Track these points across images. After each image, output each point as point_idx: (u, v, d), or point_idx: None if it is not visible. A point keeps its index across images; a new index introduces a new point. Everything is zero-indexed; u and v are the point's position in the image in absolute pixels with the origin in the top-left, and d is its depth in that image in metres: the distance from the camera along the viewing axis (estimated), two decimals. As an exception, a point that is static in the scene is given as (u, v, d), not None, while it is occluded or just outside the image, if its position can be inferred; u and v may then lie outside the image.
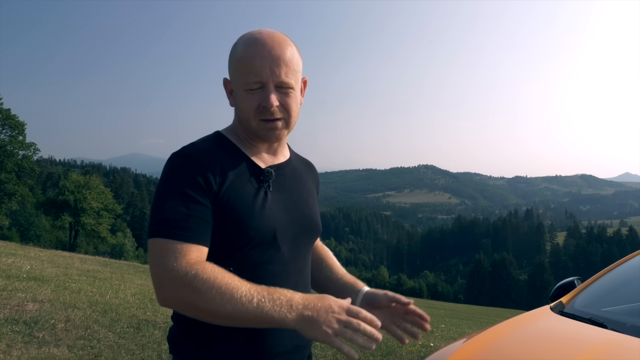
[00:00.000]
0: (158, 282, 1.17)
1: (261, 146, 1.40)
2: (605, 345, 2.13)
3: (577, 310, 2.68)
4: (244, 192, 1.29)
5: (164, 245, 1.18)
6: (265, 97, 1.28)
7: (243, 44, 1.30)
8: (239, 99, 1.33)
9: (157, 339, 5.34)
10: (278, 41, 1.30)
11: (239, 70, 1.30)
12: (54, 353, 4.38)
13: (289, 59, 1.29)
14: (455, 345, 2.44)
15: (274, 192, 1.35)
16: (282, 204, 1.36)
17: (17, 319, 5.23)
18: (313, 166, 1.63)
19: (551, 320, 2.61)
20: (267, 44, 1.28)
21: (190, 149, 1.31)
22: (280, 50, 1.28)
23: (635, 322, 2.42)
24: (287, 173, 1.43)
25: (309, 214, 1.44)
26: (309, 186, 1.51)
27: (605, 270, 3.20)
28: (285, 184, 1.41)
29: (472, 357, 2.18)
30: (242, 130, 1.39)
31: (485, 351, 2.23)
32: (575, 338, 2.29)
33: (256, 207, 1.29)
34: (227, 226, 1.26)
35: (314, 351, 5.66)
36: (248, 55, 1.28)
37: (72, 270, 12.17)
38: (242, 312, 1.12)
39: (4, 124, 41.75)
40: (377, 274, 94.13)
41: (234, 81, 1.34)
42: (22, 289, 7.02)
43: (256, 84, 1.28)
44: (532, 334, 2.51)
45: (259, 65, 1.26)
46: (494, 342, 2.37)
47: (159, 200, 1.25)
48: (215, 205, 1.25)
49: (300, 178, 1.48)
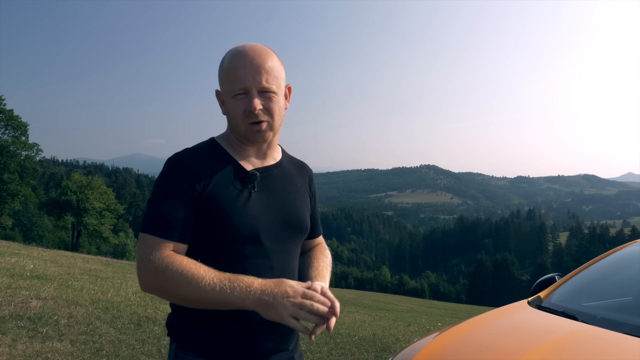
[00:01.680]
0: (139, 271, 1.39)
1: (250, 150, 1.55)
2: (572, 334, 2.27)
3: (554, 305, 2.82)
4: (228, 193, 1.45)
5: (146, 239, 1.39)
6: (249, 101, 1.44)
7: (229, 57, 1.48)
8: (228, 106, 1.49)
9: (157, 334, 5.50)
10: (259, 52, 1.46)
11: (226, 80, 1.47)
12: (57, 347, 4.54)
13: (270, 67, 1.45)
14: (430, 338, 2.58)
15: (259, 193, 1.50)
16: (266, 203, 1.50)
17: (22, 315, 5.39)
18: (306, 168, 1.75)
19: (526, 313, 2.75)
20: (249, 55, 1.45)
21: (181, 155, 1.48)
22: (261, 59, 1.45)
23: (605, 314, 2.57)
24: (275, 175, 1.57)
25: (294, 212, 1.57)
26: (298, 187, 1.64)
27: (583, 266, 3.34)
28: (272, 185, 1.55)
29: (443, 347, 2.32)
30: (233, 135, 1.54)
31: (456, 342, 2.37)
32: (545, 328, 2.43)
33: (238, 206, 1.44)
34: (212, 223, 1.43)
35: (309, 347, 5.81)
36: (233, 65, 1.45)
37: (74, 269, 12.32)
38: (206, 297, 1.32)
39: (6, 124, 41.86)
40: (379, 274, 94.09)
41: (223, 91, 1.51)
42: (26, 286, 7.18)
43: (241, 90, 1.44)
44: (504, 326, 2.66)
45: (242, 73, 1.43)
46: (466, 333, 2.51)
47: (150, 199, 1.45)
48: (199, 205, 1.42)
49: (289, 179, 1.62)
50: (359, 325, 8.88)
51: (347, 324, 8.82)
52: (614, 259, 3.34)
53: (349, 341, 6.58)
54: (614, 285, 3.33)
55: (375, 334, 7.85)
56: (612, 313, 2.67)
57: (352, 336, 7.11)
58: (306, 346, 5.94)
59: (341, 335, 7.01)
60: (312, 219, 1.69)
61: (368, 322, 9.99)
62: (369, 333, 7.84)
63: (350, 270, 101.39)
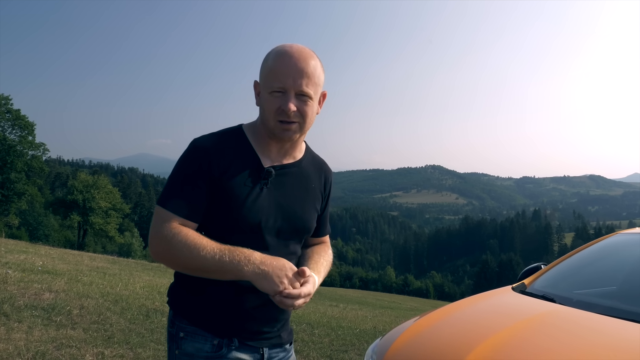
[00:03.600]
0: (150, 239, 1.53)
1: (273, 146, 1.63)
2: (548, 313, 2.48)
3: (536, 290, 3.02)
4: (241, 184, 1.55)
5: (160, 212, 1.53)
6: (285, 101, 1.52)
7: (275, 54, 1.56)
8: (263, 100, 1.57)
9: (165, 324, 5.70)
10: (304, 55, 1.54)
11: (267, 75, 1.55)
12: (71, 334, 4.78)
13: (312, 73, 1.54)
14: (415, 319, 2.79)
15: (271, 189, 1.59)
16: (274, 200, 1.59)
17: (36, 306, 5.63)
18: (325, 168, 1.80)
19: (509, 297, 2.95)
20: (294, 57, 1.52)
21: (205, 140, 1.60)
22: (305, 63, 1.53)
23: (581, 297, 2.77)
24: (291, 173, 1.66)
25: (300, 212, 1.65)
26: (312, 187, 1.72)
27: (566, 255, 3.54)
28: (285, 183, 1.63)
29: (427, 326, 2.53)
30: (262, 127, 1.61)
31: (439, 321, 2.59)
32: (524, 308, 2.64)
33: (247, 199, 1.54)
34: (220, 210, 1.55)
35: (311, 339, 6.03)
36: (276, 64, 1.53)
37: (82, 266, 12.56)
38: (207, 265, 1.45)
39: (13, 124, 42.20)
40: (384, 274, 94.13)
41: (262, 84, 1.58)
42: (38, 280, 7.41)
43: (279, 89, 1.52)
44: (486, 307, 2.86)
45: (284, 74, 1.51)
46: (449, 314, 2.72)
47: (170, 176, 1.60)
48: (213, 190, 1.54)
49: (304, 179, 1.69)
50: (360, 320, 9.10)
51: (349, 319, 9.04)
52: (596, 249, 3.53)
53: (349, 333, 6.80)
54: (597, 274, 3.53)
55: (375, 327, 8.06)
56: (590, 297, 2.87)
57: (353, 329, 7.32)
58: (308, 337, 6.16)
59: (342, 328, 7.22)
60: (320, 219, 1.78)
61: (370, 317, 10.20)
62: (370, 326, 8.05)
63: (355, 270, 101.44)
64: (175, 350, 1.59)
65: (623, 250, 3.59)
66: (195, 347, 1.56)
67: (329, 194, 1.81)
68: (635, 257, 3.53)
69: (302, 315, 8.09)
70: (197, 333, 1.57)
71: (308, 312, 9.48)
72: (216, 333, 1.57)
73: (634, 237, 3.59)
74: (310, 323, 7.26)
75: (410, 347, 2.34)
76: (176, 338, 1.60)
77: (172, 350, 1.61)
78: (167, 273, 18.86)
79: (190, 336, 1.57)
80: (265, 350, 1.64)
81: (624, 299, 2.98)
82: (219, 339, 1.56)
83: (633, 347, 2.05)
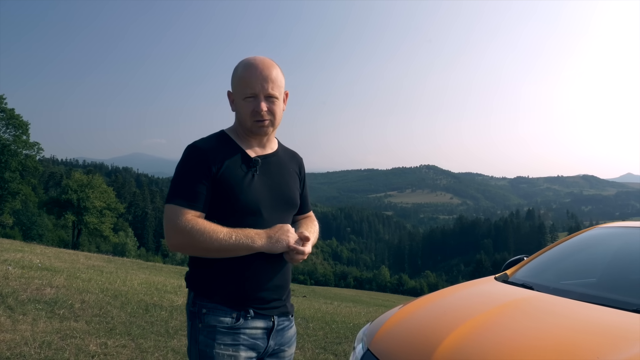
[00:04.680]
0: (168, 233, 1.82)
1: (253, 141, 1.98)
2: (524, 299, 2.68)
3: (517, 279, 3.21)
4: (236, 174, 1.88)
5: (173, 208, 1.82)
6: (257, 104, 1.87)
7: (242, 66, 1.91)
8: (238, 106, 1.92)
9: (164, 317, 5.90)
10: (267, 65, 1.89)
11: (239, 85, 1.90)
12: (74, 326, 4.95)
13: (275, 78, 1.89)
14: (400, 306, 2.98)
15: (260, 175, 1.93)
16: (265, 184, 1.94)
17: (39, 300, 5.79)
18: (297, 157, 2.18)
19: (491, 286, 3.15)
20: (259, 67, 1.88)
21: (200, 143, 1.93)
22: (268, 71, 1.88)
23: (558, 285, 2.97)
24: (272, 161, 2.00)
25: (287, 191, 2.02)
26: (291, 171, 2.08)
27: (547, 247, 3.74)
28: (270, 169, 1.98)
29: (411, 311, 2.73)
30: (240, 128, 1.96)
31: (422, 307, 2.78)
32: (503, 295, 2.83)
33: (244, 186, 1.87)
34: (223, 198, 1.87)
35: (306, 332, 6.20)
36: (246, 74, 1.88)
37: (78, 264, 12.72)
38: (224, 245, 1.77)
39: (7, 123, 42.13)
40: (379, 274, 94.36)
41: (235, 93, 1.93)
42: (38, 276, 7.57)
43: (251, 94, 1.87)
44: (468, 294, 3.06)
45: (253, 82, 1.86)
46: (432, 300, 2.93)
47: (174, 178, 1.89)
48: (214, 184, 1.86)
49: (283, 165, 2.05)
50: (354, 315, 9.29)
51: (343, 314, 9.23)
52: (577, 241, 3.74)
53: (343, 327, 6.99)
54: (577, 265, 3.73)
55: (368, 321, 8.24)
56: (566, 285, 3.07)
57: (347, 323, 7.51)
58: (303, 330, 6.35)
59: (336, 323, 7.42)
60: (302, 198, 2.14)
61: (363, 313, 10.39)
62: (363, 321, 8.23)
63: (349, 269, 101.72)
64: (199, 324, 1.86)
65: (602, 243, 3.80)
66: (217, 320, 1.84)
67: (304, 177, 2.18)
68: (614, 249, 3.75)
69: (298, 311, 8.27)
70: (217, 309, 1.85)
71: (303, 307, 9.68)
72: (234, 307, 1.86)
73: (612, 231, 3.80)
74: (305, 317, 7.45)
75: (397, 329, 2.54)
76: (199, 314, 1.87)
77: (194, 326, 1.88)
78: (163, 272, 19.01)
79: (211, 312, 1.85)
80: (275, 318, 1.95)
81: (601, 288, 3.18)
82: (237, 312, 1.86)
83: (601, 328, 2.25)
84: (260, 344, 1.90)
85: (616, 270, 3.45)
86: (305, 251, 1.89)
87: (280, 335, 1.98)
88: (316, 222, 2.21)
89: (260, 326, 1.89)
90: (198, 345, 1.84)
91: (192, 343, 1.88)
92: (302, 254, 1.88)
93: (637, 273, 3.27)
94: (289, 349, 2.04)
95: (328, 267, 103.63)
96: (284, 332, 2.00)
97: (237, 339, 1.84)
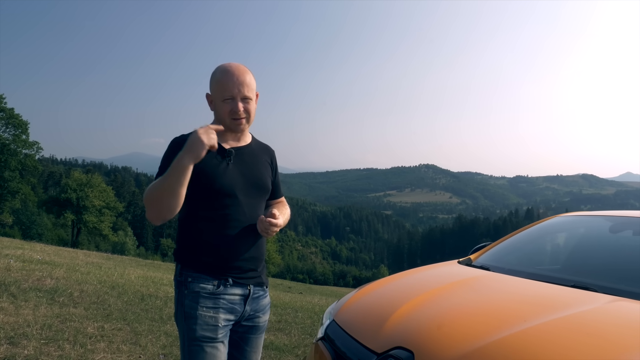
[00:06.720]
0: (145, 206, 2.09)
1: (229, 135, 2.27)
2: (477, 277, 2.98)
3: (479, 262, 3.51)
4: (213, 163, 2.16)
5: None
6: (235, 105, 2.16)
7: (220, 72, 2.19)
8: (218, 107, 2.20)
9: (159, 305, 6.21)
10: (241, 70, 2.19)
11: (218, 88, 2.18)
12: (74, 312, 5.26)
13: (249, 82, 2.19)
14: (364, 285, 3.28)
15: (235, 164, 2.23)
16: (239, 171, 2.23)
17: (40, 289, 6.10)
18: (269, 149, 2.46)
19: (451, 267, 3.44)
20: (235, 73, 2.17)
21: (180, 138, 2.19)
22: (243, 77, 2.17)
23: (512, 266, 3.27)
24: (245, 152, 2.30)
25: (259, 177, 2.30)
26: (263, 161, 2.36)
27: (511, 234, 4.04)
28: (244, 159, 2.27)
29: (372, 289, 3.03)
30: None
31: (383, 286, 3.08)
32: (459, 275, 3.13)
33: (219, 171, 2.16)
34: (201, 185, 2.15)
35: (295, 320, 6.49)
36: (223, 79, 2.17)
37: (77, 261, 13.00)
38: (166, 179, 1.99)
39: (7, 122, 42.29)
40: (378, 273, 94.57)
41: (214, 95, 2.21)
42: (39, 269, 7.87)
43: (229, 97, 2.16)
44: (428, 275, 3.35)
45: (230, 86, 2.15)
46: (394, 280, 3.22)
47: (159, 166, 2.17)
48: (193, 171, 2.09)
49: (256, 156, 2.35)
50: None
51: (334, 307, 9.53)
52: (538, 228, 4.03)
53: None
54: (538, 250, 4.05)
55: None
56: (521, 266, 3.37)
57: (335, 314, 7.81)
58: (292, 319, 6.66)
59: (324, 313, 7.71)
60: (274, 185, 2.43)
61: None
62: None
63: (348, 269, 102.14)
64: (185, 290, 2.15)
65: (561, 230, 4.11)
66: (200, 287, 2.13)
67: (276, 167, 2.47)
68: (574, 236, 4.07)
69: (288, 302, 8.58)
70: (201, 277, 2.14)
71: (294, 300, 9.99)
72: (215, 276, 2.15)
73: (571, 219, 4.10)
74: (294, 308, 7.76)
75: (359, 303, 2.84)
76: (185, 282, 2.16)
77: (181, 292, 2.17)
78: (161, 269, 19.28)
79: (196, 280, 2.14)
80: (251, 287, 2.24)
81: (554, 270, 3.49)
82: (218, 280, 2.15)
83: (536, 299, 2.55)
84: (237, 308, 2.19)
85: (573, 255, 3.75)
86: (277, 223, 2.17)
87: (256, 303, 2.27)
88: (288, 207, 2.51)
89: (238, 293, 2.18)
90: (184, 308, 2.15)
91: (178, 307, 2.19)
92: (274, 225, 2.15)
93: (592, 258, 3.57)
94: (263, 315, 2.34)
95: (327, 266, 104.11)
96: (259, 300, 2.29)
97: (217, 303, 2.13)
